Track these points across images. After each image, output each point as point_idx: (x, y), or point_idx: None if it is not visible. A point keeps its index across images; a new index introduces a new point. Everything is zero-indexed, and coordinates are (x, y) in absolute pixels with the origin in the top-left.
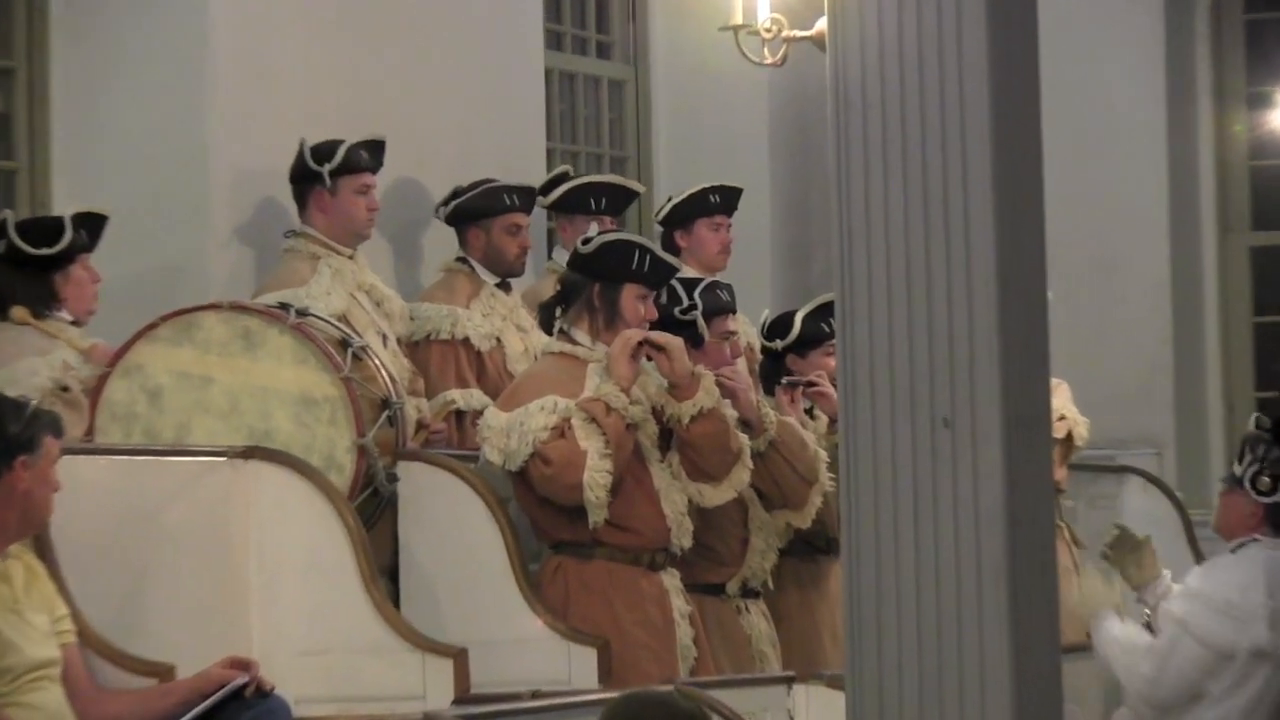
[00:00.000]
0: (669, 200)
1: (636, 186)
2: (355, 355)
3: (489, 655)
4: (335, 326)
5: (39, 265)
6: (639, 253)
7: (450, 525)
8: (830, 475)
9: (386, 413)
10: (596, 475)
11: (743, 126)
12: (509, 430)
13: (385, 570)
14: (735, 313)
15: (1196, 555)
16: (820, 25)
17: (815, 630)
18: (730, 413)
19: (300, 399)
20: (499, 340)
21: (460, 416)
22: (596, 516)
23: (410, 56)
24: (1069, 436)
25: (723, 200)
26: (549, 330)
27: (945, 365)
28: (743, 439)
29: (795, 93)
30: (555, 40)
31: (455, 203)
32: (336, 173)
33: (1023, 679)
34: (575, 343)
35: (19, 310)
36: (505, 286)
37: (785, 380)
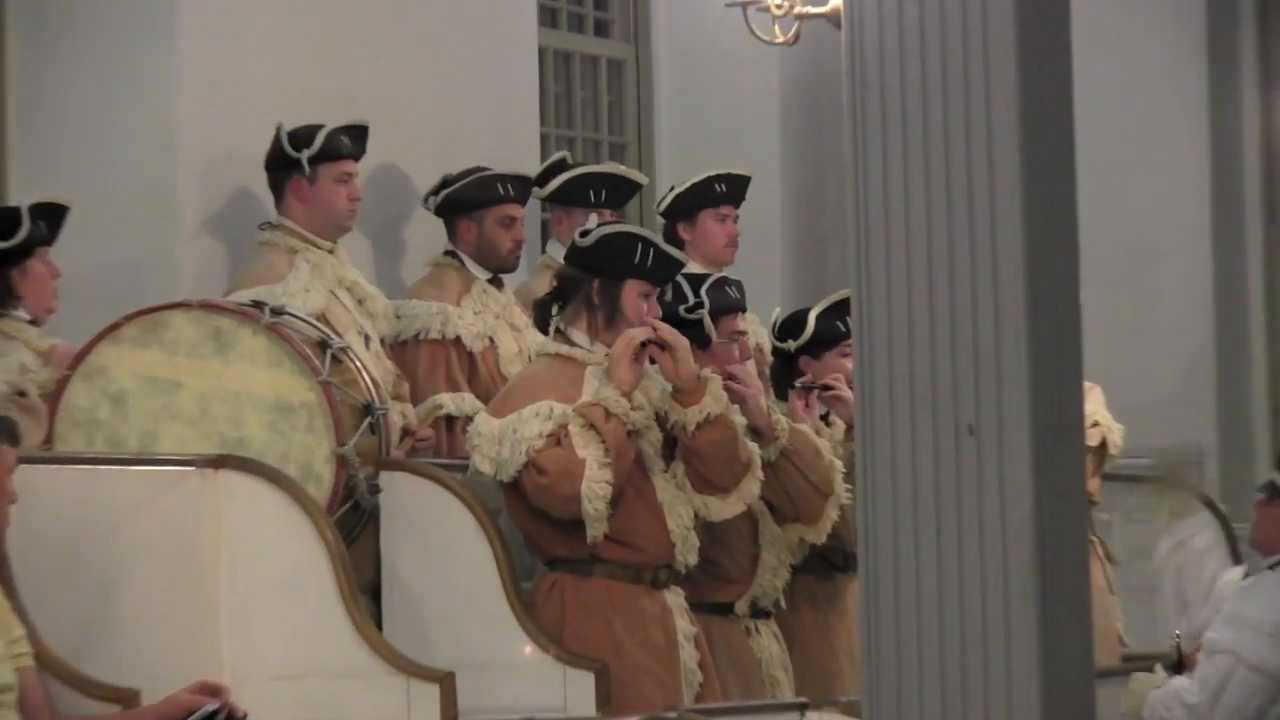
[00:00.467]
0: (671, 190)
1: (640, 178)
2: (335, 357)
3: (478, 680)
4: (314, 326)
5: None
6: (642, 246)
7: (437, 540)
8: (847, 486)
9: (368, 419)
10: (595, 486)
11: (751, 110)
12: (501, 437)
13: (367, 588)
14: (744, 311)
15: (1242, 572)
16: (835, 0)
17: (831, 653)
18: (739, 419)
19: (275, 405)
20: (491, 340)
21: (449, 422)
22: (595, 530)
23: (395, 34)
24: (1103, 445)
25: (730, 190)
26: (544, 330)
27: (970, 368)
28: (753, 448)
29: (808, 73)
30: (550, 17)
31: (445, 193)
32: (316, 160)
33: (1053, 707)
34: (573, 343)
35: None
36: (498, 283)
37: (798, 384)
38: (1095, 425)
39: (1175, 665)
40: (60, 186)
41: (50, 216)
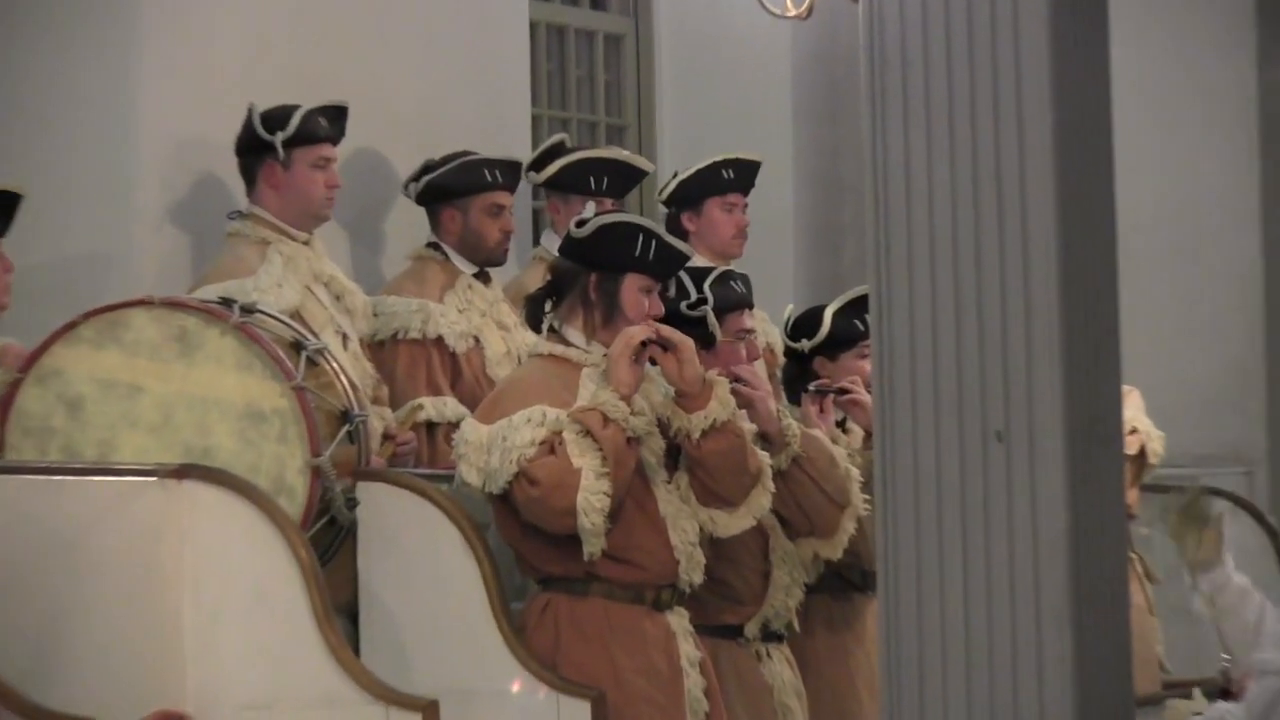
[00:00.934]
0: (675, 176)
1: (645, 165)
2: (310, 359)
3: (464, 709)
4: (287, 325)
5: None
6: (643, 237)
7: (419, 557)
8: (865, 497)
9: (346, 427)
10: (592, 498)
11: (761, 89)
12: (489, 445)
13: (343, 610)
14: (752, 308)
15: None
16: None
17: (848, 679)
18: (748, 426)
19: (245, 411)
20: (477, 340)
21: (431, 429)
22: (592, 547)
23: (375, 8)
24: (1142, 452)
25: (738, 176)
26: (536, 328)
27: (998, 369)
28: (763, 457)
29: (823, 49)
30: None
31: (427, 179)
32: (291, 143)
33: None
34: (567, 343)
35: None
36: (484, 277)
37: (813, 387)
38: (1134, 431)
39: (1222, 693)
40: (11, 173)
41: (1, 206)
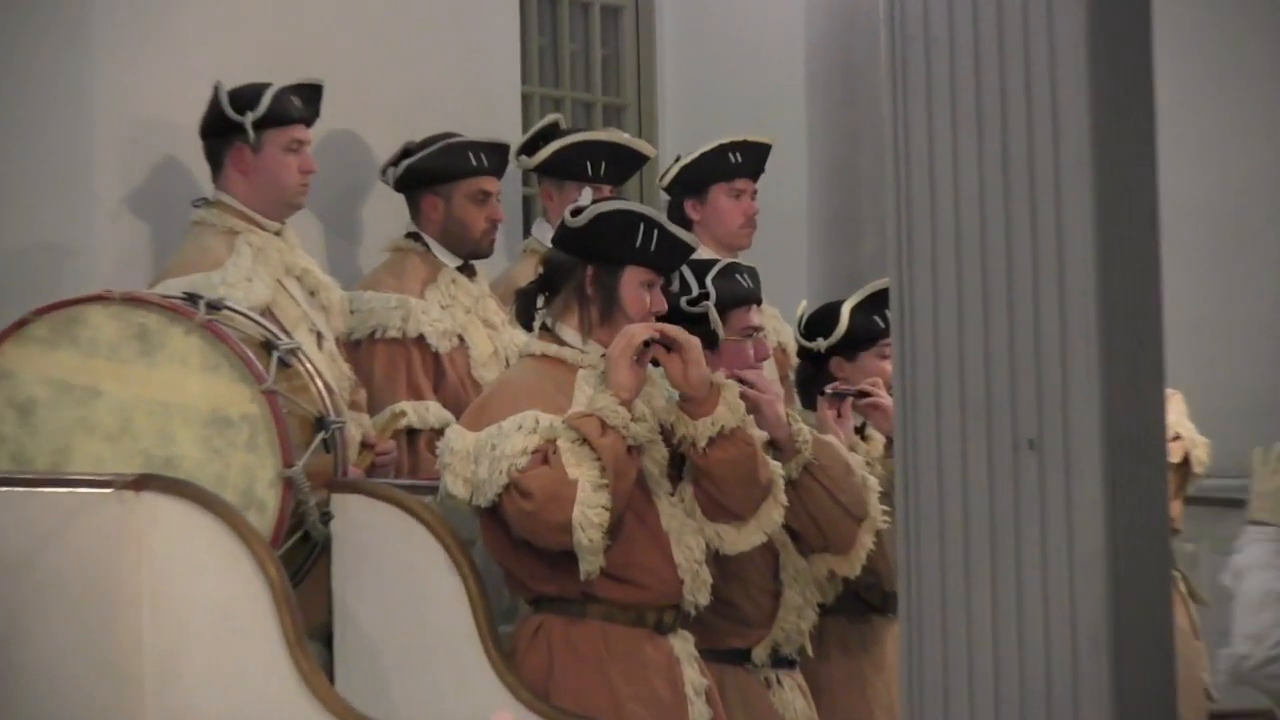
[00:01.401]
0: (677, 160)
1: (647, 149)
2: (282, 360)
3: None
4: (257, 323)
5: None
6: (644, 226)
7: (400, 576)
8: (885, 510)
9: (321, 435)
10: (589, 513)
11: (772, 66)
12: (477, 455)
13: (317, 633)
14: (759, 303)
15: None
16: None
17: (866, 708)
18: (758, 433)
19: (211, 417)
20: (461, 339)
21: (413, 436)
22: (589, 565)
23: None
24: (1186, 461)
25: (746, 160)
26: (527, 326)
27: (1031, 370)
28: (774, 467)
29: (840, 23)
30: None
31: (406, 163)
32: (261, 124)
33: None
34: (561, 342)
35: None
36: (469, 270)
37: (829, 390)
38: (1177, 438)
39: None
40: None
41: None
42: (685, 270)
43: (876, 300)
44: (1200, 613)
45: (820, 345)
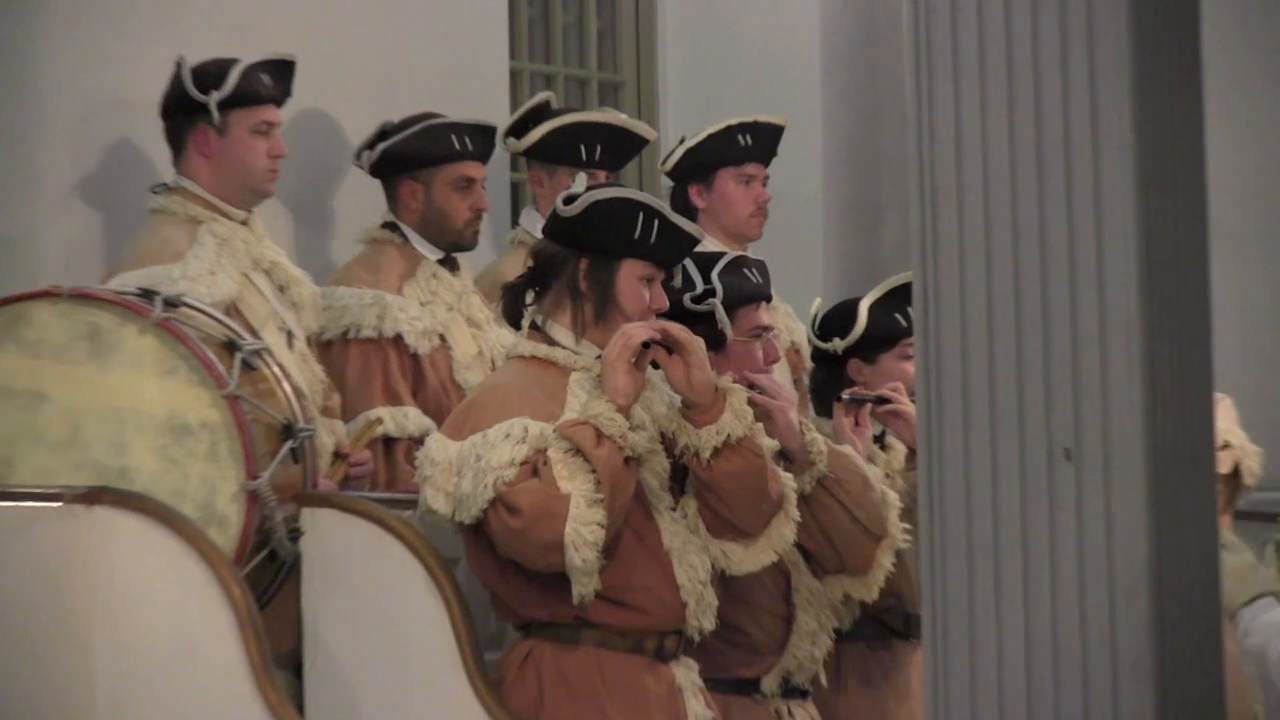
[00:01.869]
0: (681, 143)
1: (647, 132)
2: (247, 363)
3: None
4: (220, 322)
5: None
6: (643, 216)
7: (375, 598)
8: (906, 527)
9: (289, 443)
10: (583, 530)
11: (785, 40)
12: (460, 466)
13: (285, 660)
14: (770, 300)
15: None
16: None
17: None
18: (768, 443)
19: (168, 425)
20: (442, 339)
21: (390, 445)
22: (583, 587)
23: None
24: (1235, 471)
25: (757, 142)
26: (515, 325)
27: (1066, 376)
28: (786, 480)
29: None
30: None
31: (382, 146)
32: (227, 105)
33: None
34: (553, 342)
35: None
36: (452, 264)
37: (846, 395)
38: (1226, 447)
39: None
40: None
41: None
42: (689, 264)
43: (898, 296)
44: None
45: (836, 346)
